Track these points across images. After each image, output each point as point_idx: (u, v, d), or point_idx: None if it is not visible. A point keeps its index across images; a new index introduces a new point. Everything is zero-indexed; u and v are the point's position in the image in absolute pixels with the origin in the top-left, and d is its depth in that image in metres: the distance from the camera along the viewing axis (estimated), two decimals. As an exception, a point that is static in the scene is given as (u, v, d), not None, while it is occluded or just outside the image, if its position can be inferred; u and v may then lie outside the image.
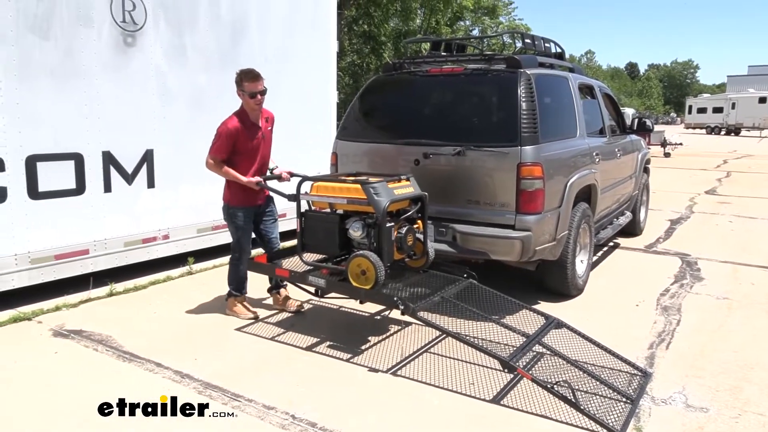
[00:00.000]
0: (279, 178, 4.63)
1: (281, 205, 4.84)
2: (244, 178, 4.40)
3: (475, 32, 29.10)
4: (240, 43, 6.37)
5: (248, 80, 4.33)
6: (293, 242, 4.75)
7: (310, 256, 4.38)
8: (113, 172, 5.37)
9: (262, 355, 3.99)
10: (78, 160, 5.10)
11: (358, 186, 3.93)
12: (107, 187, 5.34)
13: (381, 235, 3.89)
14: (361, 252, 3.90)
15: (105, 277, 5.36)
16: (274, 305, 4.85)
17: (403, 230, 4.05)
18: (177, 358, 3.91)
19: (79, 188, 5.14)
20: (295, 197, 4.22)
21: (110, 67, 5.25)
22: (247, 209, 4.55)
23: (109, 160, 5.32)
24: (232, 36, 6.28)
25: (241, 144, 4.40)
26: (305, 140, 7.04)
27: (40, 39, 4.76)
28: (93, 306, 4.97)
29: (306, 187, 4.27)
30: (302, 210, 4.26)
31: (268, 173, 4.66)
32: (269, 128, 4.62)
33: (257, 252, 4.94)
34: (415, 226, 4.19)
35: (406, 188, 4.14)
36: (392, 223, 3.98)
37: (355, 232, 4.03)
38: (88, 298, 5.09)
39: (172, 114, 5.79)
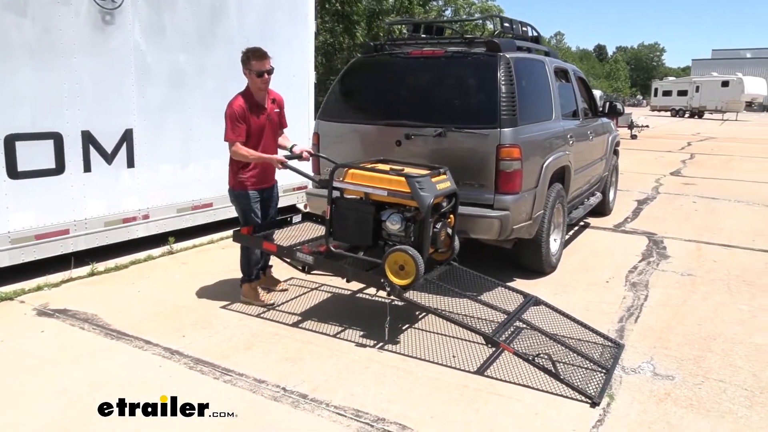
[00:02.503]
0: (300, 157, 4.56)
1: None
2: (267, 156, 4.38)
3: (448, 12, 29.06)
4: (219, 23, 6.33)
5: (256, 58, 4.26)
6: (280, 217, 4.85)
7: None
8: (93, 151, 5.35)
9: (250, 332, 4.08)
10: (57, 139, 5.07)
11: (402, 179, 3.81)
12: (87, 167, 5.32)
13: (423, 230, 3.82)
14: (401, 246, 3.80)
15: (86, 257, 5.36)
16: (259, 284, 4.91)
17: (438, 225, 4.02)
18: (164, 336, 3.98)
19: (59, 168, 5.12)
20: (326, 182, 4.14)
21: (89, 46, 5.20)
22: (254, 193, 4.49)
23: (88, 139, 5.29)
24: (211, 15, 6.25)
25: (247, 125, 4.31)
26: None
27: (17, 17, 4.69)
28: (75, 285, 4.98)
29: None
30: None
31: (288, 152, 4.56)
32: (276, 110, 4.53)
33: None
34: (447, 220, 4.18)
35: (445, 182, 4.05)
36: (431, 219, 3.92)
37: (394, 225, 3.91)
38: (69, 278, 5.09)
39: (152, 93, 5.77)
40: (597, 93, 27.67)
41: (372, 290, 4.73)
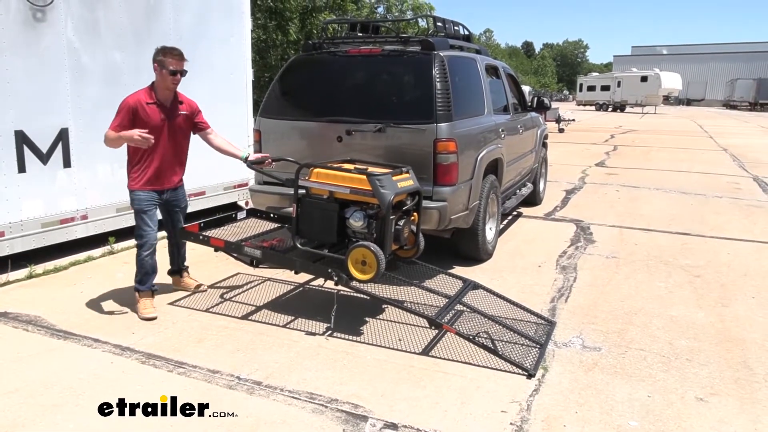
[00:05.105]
0: (262, 162, 4.55)
1: (199, 182, 4.72)
2: (126, 132, 4.02)
3: (380, 10, 29.32)
4: (154, 21, 6.28)
5: (173, 56, 4.14)
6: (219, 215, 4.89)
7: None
8: (27, 151, 5.23)
9: (200, 326, 4.15)
10: (-11, 140, 4.94)
11: (363, 177, 3.91)
12: (21, 168, 5.20)
13: (384, 227, 3.92)
14: (363, 243, 3.87)
15: (23, 260, 5.25)
16: (174, 285, 4.81)
17: (401, 222, 4.11)
18: (113, 334, 3.99)
19: (-8, 169, 4.99)
20: (292, 182, 4.18)
21: (20, 44, 5.08)
22: (149, 193, 4.26)
23: (22, 139, 5.17)
24: (146, 13, 6.19)
25: (140, 122, 4.09)
26: (222, 118, 7.06)
27: (-57, 13, 4.55)
28: (13, 289, 4.87)
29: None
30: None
31: (242, 160, 4.56)
32: (183, 113, 4.34)
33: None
34: (411, 218, 4.30)
35: (407, 181, 4.16)
36: (392, 216, 4.01)
37: (356, 222, 4.00)
38: (6, 281, 4.98)
39: (87, 92, 5.68)
40: (526, 89, 28.69)
41: (320, 281, 4.87)
